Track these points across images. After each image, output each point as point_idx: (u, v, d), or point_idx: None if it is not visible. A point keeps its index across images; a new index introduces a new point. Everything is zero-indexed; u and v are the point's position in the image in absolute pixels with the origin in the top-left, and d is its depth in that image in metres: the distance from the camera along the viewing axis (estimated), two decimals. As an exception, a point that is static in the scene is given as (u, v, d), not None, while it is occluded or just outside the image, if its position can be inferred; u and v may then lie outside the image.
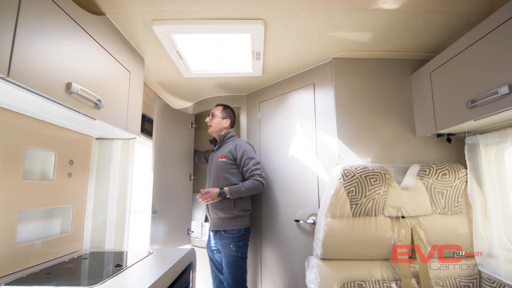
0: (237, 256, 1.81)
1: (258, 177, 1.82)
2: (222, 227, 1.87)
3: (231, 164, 1.90)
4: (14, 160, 1.11)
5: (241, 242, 1.84)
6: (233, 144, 1.94)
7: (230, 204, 1.85)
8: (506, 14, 0.99)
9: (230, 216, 1.85)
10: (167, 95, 2.24)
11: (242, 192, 1.81)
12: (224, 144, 2.01)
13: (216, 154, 2.00)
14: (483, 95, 1.07)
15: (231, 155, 1.91)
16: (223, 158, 1.92)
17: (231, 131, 2.05)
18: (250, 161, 1.86)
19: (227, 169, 1.90)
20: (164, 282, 1.05)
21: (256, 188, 1.81)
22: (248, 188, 1.80)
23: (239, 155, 1.88)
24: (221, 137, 2.03)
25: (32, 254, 1.18)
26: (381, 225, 1.33)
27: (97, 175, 1.60)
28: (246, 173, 1.85)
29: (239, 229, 1.85)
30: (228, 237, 1.84)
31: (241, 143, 1.94)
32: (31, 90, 0.83)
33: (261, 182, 1.81)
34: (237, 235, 1.84)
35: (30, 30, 0.82)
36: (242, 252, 1.83)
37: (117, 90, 1.30)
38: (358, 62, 1.65)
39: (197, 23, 1.27)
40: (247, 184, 1.81)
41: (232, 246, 1.82)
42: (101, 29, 1.18)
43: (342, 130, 1.59)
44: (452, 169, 1.38)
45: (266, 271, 2.01)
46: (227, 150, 1.93)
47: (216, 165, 1.95)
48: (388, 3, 1.19)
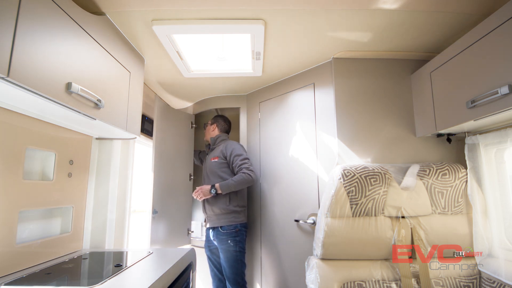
0: (236, 251, 1.86)
1: (245, 169, 1.88)
2: (218, 223, 1.93)
3: (222, 163, 2.01)
4: (14, 160, 1.11)
5: (238, 237, 1.90)
6: (223, 145, 2.07)
7: (226, 200, 1.93)
8: (506, 14, 0.99)
9: (226, 212, 1.92)
10: (167, 95, 2.24)
11: (231, 186, 1.87)
12: (216, 146, 2.16)
13: (209, 156, 2.14)
14: (483, 95, 1.07)
15: (222, 154, 2.03)
16: (215, 159, 2.04)
17: (222, 135, 2.20)
18: (238, 157, 1.95)
19: (219, 168, 2.00)
20: (164, 282, 1.05)
21: (244, 180, 1.87)
22: (237, 181, 1.87)
23: (229, 153, 1.99)
24: (212, 140, 2.20)
25: (32, 254, 1.18)
26: (381, 225, 1.33)
27: (97, 175, 1.60)
28: (235, 169, 1.94)
29: (236, 224, 1.91)
30: (225, 233, 1.90)
31: (231, 143, 2.06)
32: (31, 90, 0.83)
33: (248, 174, 1.87)
34: (234, 231, 1.90)
35: (30, 30, 0.82)
36: (240, 247, 1.89)
37: (117, 90, 1.30)
38: (358, 62, 1.64)
39: (197, 23, 1.27)
40: (236, 177, 1.88)
41: (230, 241, 1.87)
42: (101, 29, 1.18)
43: (342, 130, 1.59)
44: (452, 169, 1.38)
45: (266, 271, 2.01)
46: (218, 151, 2.07)
47: (210, 165, 2.06)
48: (388, 3, 1.19)
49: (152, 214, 1.95)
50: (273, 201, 1.98)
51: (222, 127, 2.24)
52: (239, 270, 1.86)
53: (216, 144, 2.17)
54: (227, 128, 2.27)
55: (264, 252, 2.03)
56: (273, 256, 1.95)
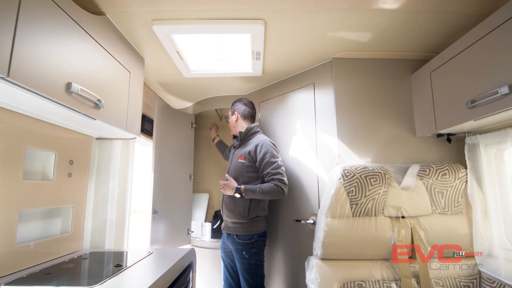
0: (250, 264, 1.67)
1: (278, 181, 1.63)
2: (234, 230, 1.74)
3: (250, 167, 1.75)
4: (14, 160, 1.11)
5: (254, 249, 1.69)
6: (254, 144, 1.77)
7: (244, 209, 1.71)
8: (506, 14, 0.99)
9: (242, 221, 1.72)
10: (167, 95, 2.24)
11: (256, 195, 1.65)
12: (246, 141, 1.86)
13: (236, 153, 1.86)
14: (483, 95, 1.07)
15: (249, 156, 1.75)
16: (242, 159, 1.78)
17: (254, 126, 1.87)
18: (271, 165, 1.67)
19: (246, 171, 1.75)
20: (164, 282, 1.05)
21: (273, 192, 1.62)
22: (265, 191, 1.63)
23: (259, 157, 1.71)
24: (242, 135, 1.87)
25: (32, 254, 1.18)
26: (381, 225, 1.33)
27: (97, 175, 1.60)
28: (265, 177, 1.69)
29: (252, 235, 1.70)
30: (240, 242, 1.70)
31: (262, 143, 1.74)
32: (31, 90, 0.83)
33: (281, 188, 1.62)
34: (250, 242, 1.69)
35: (30, 30, 0.82)
36: (255, 259, 1.68)
37: (117, 90, 1.30)
38: (358, 62, 1.64)
39: (197, 23, 1.27)
40: (265, 187, 1.64)
41: (245, 253, 1.68)
42: (101, 29, 1.18)
43: (342, 130, 1.59)
44: (452, 169, 1.38)
45: (266, 270, 2.00)
46: (247, 151, 1.78)
47: (235, 165, 1.81)
48: (388, 3, 1.19)
49: (152, 214, 1.95)
50: (273, 201, 1.98)
51: (243, 112, 1.91)
52: (255, 283, 1.67)
53: (247, 138, 1.87)
54: (251, 111, 1.94)
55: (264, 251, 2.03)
56: (273, 256, 1.95)
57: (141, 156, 2.31)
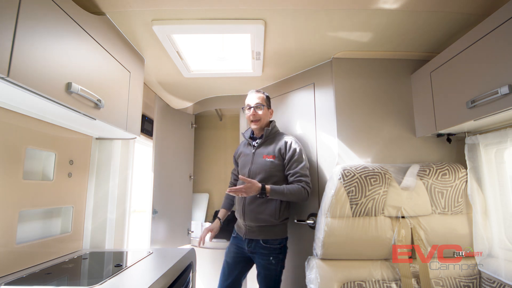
0: (276, 270, 1.56)
1: (305, 184, 1.51)
2: (261, 235, 1.56)
3: (279, 165, 1.59)
4: (14, 160, 1.11)
5: (282, 254, 1.58)
6: (282, 140, 1.62)
7: (276, 210, 1.53)
8: (506, 14, 0.99)
9: (273, 224, 1.55)
10: (167, 95, 2.24)
11: (282, 196, 1.49)
12: (269, 139, 1.68)
13: (259, 152, 1.65)
14: (483, 95, 1.07)
15: (279, 154, 1.59)
16: (270, 158, 1.59)
17: (274, 124, 1.74)
18: (299, 164, 1.55)
19: (276, 170, 1.58)
20: (164, 282, 1.05)
21: (299, 195, 1.49)
22: (292, 193, 1.49)
23: (289, 155, 1.57)
24: (267, 131, 1.67)
25: (32, 254, 1.18)
26: (381, 225, 1.33)
27: (97, 175, 1.60)
28: (290, 177, 1.56)
29: (281, 239, 1.58)
30: (268, 247, 1.55)
31: (291, 141, 1.61)
32: (31, 90, 0.83)
33: (307, 191, 1.51)
34: (278, 247, 1.56)
35: (30, 30, 0.82)
36: (281, 266, 1.58)
37: (117, 90, 1.30)
38: (358, 62, 1.64)
39: (197, 23, 1.27)
40: (292, 188, 1.50)
41: (272, 258, 1.54)
42: (101, 29, 1.18)
43: (342, 130, 1.59)
44: (452, 169, 1.38)
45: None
46: (275, 148, 1.61)
47: (262, 164, 1.60)
48: (388, 3, 1.19)
49: (152, 214, 1.95)
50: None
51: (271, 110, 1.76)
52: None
53: (270, 136, 1.69)
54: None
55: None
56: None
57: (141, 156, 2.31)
